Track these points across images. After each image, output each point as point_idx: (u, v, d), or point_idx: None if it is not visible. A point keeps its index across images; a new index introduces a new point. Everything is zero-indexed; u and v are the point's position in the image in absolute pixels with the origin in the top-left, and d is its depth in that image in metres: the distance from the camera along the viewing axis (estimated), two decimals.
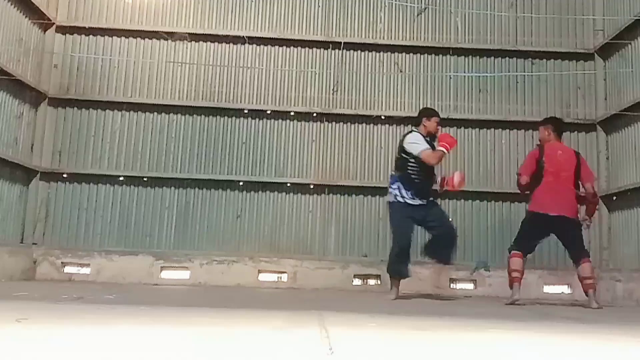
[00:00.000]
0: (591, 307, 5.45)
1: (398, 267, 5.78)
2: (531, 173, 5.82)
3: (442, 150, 5.73)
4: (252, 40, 7.97)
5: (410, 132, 6.03)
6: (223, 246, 7.59)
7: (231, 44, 7.98)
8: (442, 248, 5.93)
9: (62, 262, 7.35)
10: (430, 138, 5.92)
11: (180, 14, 8.00)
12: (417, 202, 5.80)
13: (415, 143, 5.78)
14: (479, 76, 7.89)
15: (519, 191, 6.11)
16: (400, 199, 5.78)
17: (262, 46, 8.01)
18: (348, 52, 8.04)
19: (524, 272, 5.91)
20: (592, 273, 5.64)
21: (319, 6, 8.09)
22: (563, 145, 6.10)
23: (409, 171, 5.78)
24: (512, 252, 5.92)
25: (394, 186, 5.83)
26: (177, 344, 2.19)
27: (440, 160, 5.87)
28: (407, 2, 7.93)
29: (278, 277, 7.24)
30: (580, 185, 5.82)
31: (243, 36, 7.94)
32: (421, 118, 5.99)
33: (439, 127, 6.03)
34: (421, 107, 7.86)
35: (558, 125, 6.12)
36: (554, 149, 5.90)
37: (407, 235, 5.76)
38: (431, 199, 5.96)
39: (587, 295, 5.63)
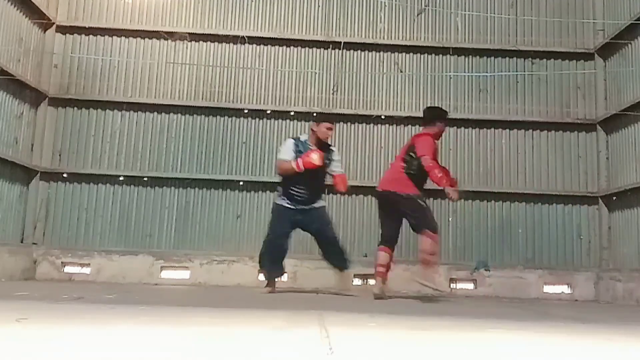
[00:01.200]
0: (417, 279, 5.63)
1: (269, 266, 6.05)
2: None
3: (292, 166, 5.71)
4: (252, 40, 7.97)
5: (293, 138, 6.10)
6: (223, 246, 7.59)
7: (231, 44, 7.99)
8: (332, 255, 6.05)
9: (62, 262, 7.35)
10: (321, 146, 5.89)
11: (180, 14, 8.00)
12: (299, 207, 5.90)
13: (281, 149, 5.96)
14: (479, 76, 7.89)
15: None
16: (279, 202, 5.95)
17: (262, 46, 8.02)
18: (348, 52, 8.04)
19: (391, 265, 5.86)
20: (427, 247, 5.52)
21: (319, 6, 8.09)
22: (418, 134, 6.06)
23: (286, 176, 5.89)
24: (379, 246, 5.86)
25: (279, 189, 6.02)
26: (177, 344, 2.19)
27: (287, 173, 5.82)
28: (407, 2, 7.94)
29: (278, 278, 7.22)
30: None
31: (243, 36, 7.94)
32: (317, 123, 5.97)
33: (330, 134, 5.99)
34: (422, 107, 7.92)
35: (426, 115, 6.15)
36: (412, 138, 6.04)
37: (280, 238, 5.94)
38: (316, 205, 5.99)
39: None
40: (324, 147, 5.92)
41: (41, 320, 2.78)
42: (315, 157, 5.66)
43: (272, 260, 6.03)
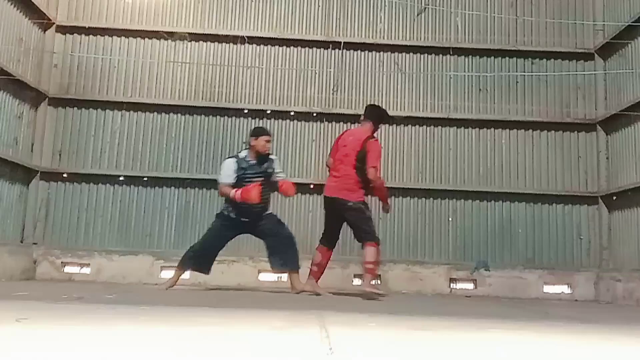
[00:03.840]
0: (362, 287, 5.69)
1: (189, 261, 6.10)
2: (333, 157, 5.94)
3: (232, 195, 5.75)
4: (252, 40, 7.97)
5: (228, 157, 6.15)
6: None
7: (231, 44, 7.98)
8: (283, 255, 6.02)
9: (62, 262, 7.35)
10: (260, 158, 5.95)
11: (180, 14, 8.00)
12: (247, 218, 5.95)
13: (221, 172, 5.97)
14: (479, 76, 7.89)
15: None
16: (226, 213, 6.00)
17: (262, 46, 8.02)
18: (348, 52, 8.04)
19: (327, 264, 5.99)
20: (371, 258, 5.59)
21: (319, 6, 8.09)
22: (359, 130, 6.03)
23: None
24: (318, 245, 6.04)
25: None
26: (177, 344, 2.18)
27: (227, 197, 5.87)
28: (407, 2, 7.94)
29: (278, 277, 7.23)
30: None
31: (243, 36, 7.94)
32: (255, 137, 6.00)
33: (268, 146, 6.00)
34: (422, 107, 7.93)
35: (371, 112, 6.09)
36: (348, 134, 6.04)
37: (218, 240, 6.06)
38: (264, 214, 6.04)
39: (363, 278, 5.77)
40: (263, 158, 5.99)
41: (41, 320, 2.78)
42: (254, 195, 5.68)
43: (200, 255, 6.06)
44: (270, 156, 6.11)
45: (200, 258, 6.08)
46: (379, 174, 5.77)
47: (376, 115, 6.09)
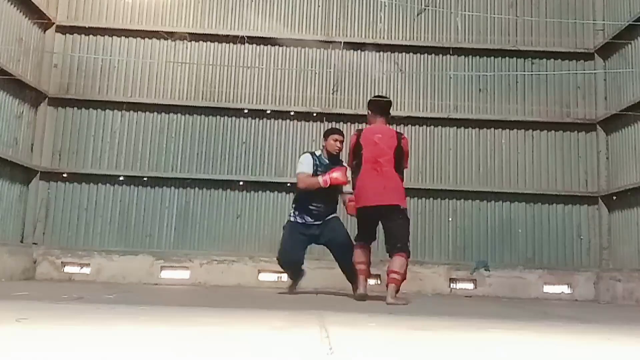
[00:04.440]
0: (386, 302, 4.99)
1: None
2: (352, 161, 5.40)
3: (317, 181, 5.68)
4: (252, 40, 7.97)
5: (305, 152, 6.16)
6: (223, 246, 7.59)
7: (231, 44, 7.98)
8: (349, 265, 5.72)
9: (62, 262, 7.35)
10: (333, 159, 5.89)
11: (180, 14, 8.00)
12: (315, 222, 5.91)
13: (300, 163, 5.94)
14: (479, 76, 7.89)
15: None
16: (294, 220, 5.96)
17: (262, 46, 8.01)
18: (348, 52, 8.04)
19: (371, 262, 5.47)
20: (400, 269, 5.12)
21: (319, 6, 8.09)
22: (383, 127, 5.43)
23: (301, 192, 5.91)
24: (356, 243, 5.49)
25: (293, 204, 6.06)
26: (177, 344, 2.19)
27: (311, 188, 5.75)
28: (407, 2, 7.94)
29: (278, 277, 7.23)
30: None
31: (243, 36, 7.94)
32: (325, 137, 6.01)
33: (338, 145, 5.89)
34: (422, 107, 7.93)
35: (378, 106, 5.52)
36: (372, 133, 5.35)
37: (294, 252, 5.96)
38: (330, 216, 5.95)
39: (387, 287, 5.17)
40: (336, 160, 5.92)
41: (41, 320, 2.78)
42: (340, 175, 5.61)
43: (289, 269, 6.17)
44: (343, 163, 5.89)
45: (291, 271, 6.16)
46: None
47: (387, 108, 5.59)
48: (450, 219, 7.77)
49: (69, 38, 7.89)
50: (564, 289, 7.45)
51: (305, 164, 5.88)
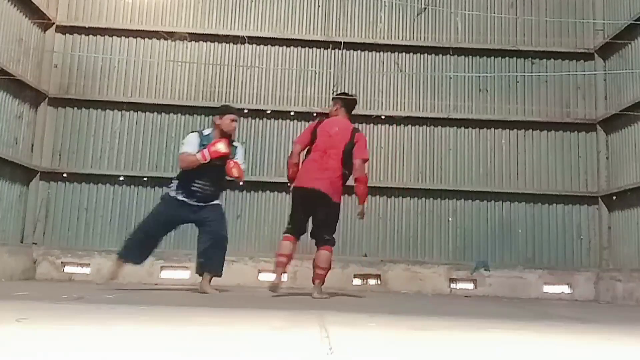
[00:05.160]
0: (312, 296, 5.13)
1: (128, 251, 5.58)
2: (305, 145, 5.49)
3: (197, 158, 5.30)
4: (252, 40, 7.97)
5: (192, 131, 5.74)
6: None
7: (231, 44, 7.99)
8: (211, 255, 5.59)
9: (62, 262, 7.35)
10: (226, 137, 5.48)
11: (180, 14, 8.01)
12: (196, 203, 5.49)
13: (183, 144, 5.56)
14: (479, 76, 7.89)
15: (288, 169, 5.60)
16: (173, 195, 5.51)
17: (262, 46, 8.02)
18: (348, 52, 8.05)
19: (292, 256, 5.45)
20: (325, 264, 5.24)
21: (319, 6, 8.10)
22: (341, 120, 5.58)
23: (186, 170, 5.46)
24: (284, 235, 5.47)
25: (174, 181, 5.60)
26: (177, 344, 2.18)
27: (192, 166, 5.35)
28: (407, 2, 7.94)
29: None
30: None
31: (243, 36, 7.94)
32: (220, 115, 5.53)
33: (234, 126, 5.55)
34: (422, 107, 7.93)
35: (349, 103, 5.70)
36: (331, 125, 5.50)
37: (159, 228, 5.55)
38: (212, 203, 5.57)
39: (313, 283, 5.29)
40: (231, 139, 5.60)
41: (41, 320, 2.78)
42: (221, 146, 5.30)
43: (137, 245, 5.56)
44: (235, 143, 5.65)
45: (136, 246, 5.55)
46: (366, 169, 5.45)
47: (353, 107, 5.76)
48: (450, 219, 7.77)
49: (69, 38, 7.90)
50: (564, 289, 7.46)
51: (188, 144, 5.45)
